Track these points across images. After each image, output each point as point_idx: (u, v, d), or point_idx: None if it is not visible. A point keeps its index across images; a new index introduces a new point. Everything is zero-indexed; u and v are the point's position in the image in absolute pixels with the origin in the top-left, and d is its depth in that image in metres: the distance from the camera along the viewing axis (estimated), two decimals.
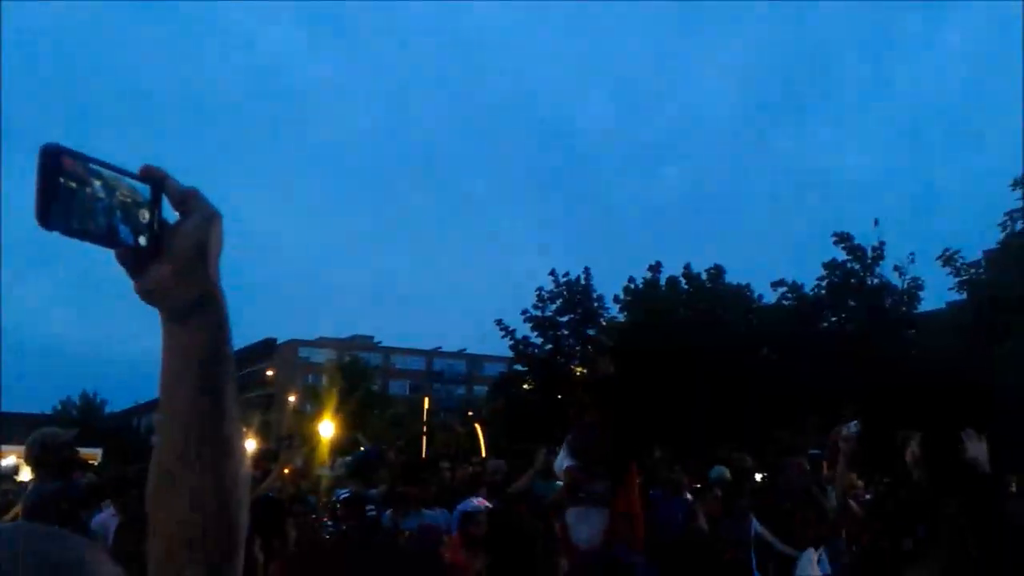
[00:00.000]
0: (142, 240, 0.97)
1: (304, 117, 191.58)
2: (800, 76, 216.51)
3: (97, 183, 0.94)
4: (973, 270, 24.88)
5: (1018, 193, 23.48)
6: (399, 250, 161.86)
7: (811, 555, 2.45)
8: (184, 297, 0.97)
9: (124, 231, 0.96)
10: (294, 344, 77.98)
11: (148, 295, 0.97)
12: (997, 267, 23.95)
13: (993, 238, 24.36)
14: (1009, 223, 23.80)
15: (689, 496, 8.24)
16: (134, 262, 0.97)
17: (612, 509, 5.23)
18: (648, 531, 6.83)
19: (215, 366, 0.96)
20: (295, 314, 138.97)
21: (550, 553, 5.14)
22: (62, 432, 5.02)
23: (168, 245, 0.97)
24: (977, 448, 4.12)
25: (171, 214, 1.00)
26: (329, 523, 6.28)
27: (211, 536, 0.92)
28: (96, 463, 17.58)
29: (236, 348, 1.05)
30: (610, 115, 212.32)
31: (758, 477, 10.08)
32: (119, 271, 0.97)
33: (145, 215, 0.98)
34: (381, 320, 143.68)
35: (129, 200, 0.97)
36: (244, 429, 1.02)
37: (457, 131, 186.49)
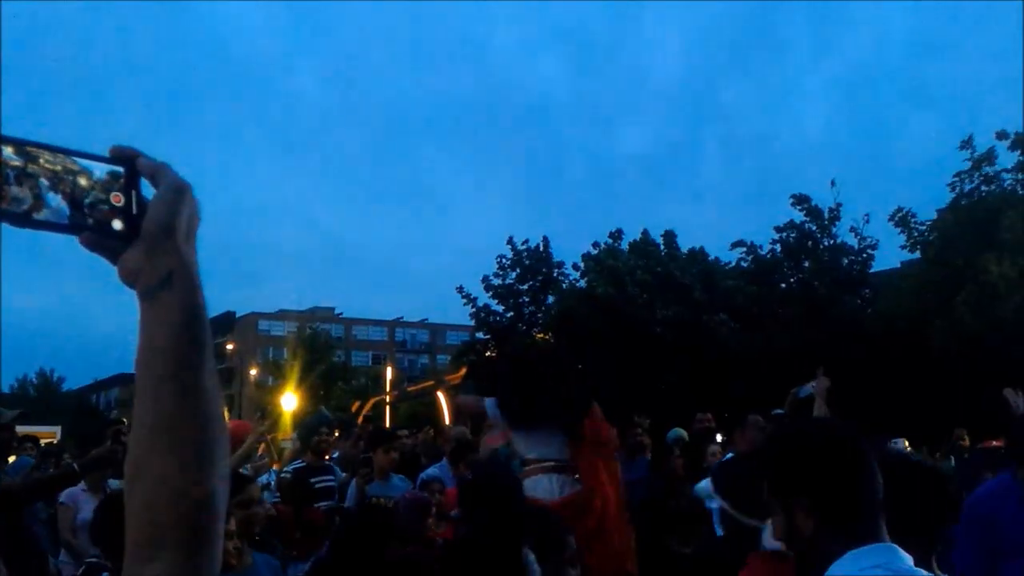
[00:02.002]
0: (117, 224, 0.95)
1: (259, 87, 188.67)
2: (749, 37, 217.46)
3: (37, 169, 0.92)
4: (925, 228, 25.28)
5: (966, 154, 23.86)
6: (358, 221, 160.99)
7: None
8: (153, 275, 0.93)
9: (75, 216, 0.93)
10: (253, 317, 77.36)
11: (125, 279, 0.95)
12: (947, 227, 24.36)
13: (945, 198, 24.78)
14: (959, 183, 24.18)
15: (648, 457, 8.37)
16: (109, 247, 0.95)
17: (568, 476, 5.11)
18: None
19: (188, 345, 0.92)
20: (254, 287, 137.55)
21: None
22: (4, 412, 4.87)
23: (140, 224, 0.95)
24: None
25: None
26: (278, 495, 6.17)
27: (187, 520, 0.87)
28: (54, 441, 17.39)
29: None
30: (564, 77, 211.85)
31: (719, 438, 10.17)
32: (73, 247, 0.94)
33: (120, 197, 0.96)
34: (342, 291, 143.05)
35: (86, 184, 0.94)
36: (225, 410, 0.96)
37: (413, 99, 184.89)
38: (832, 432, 1.83)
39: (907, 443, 10.95)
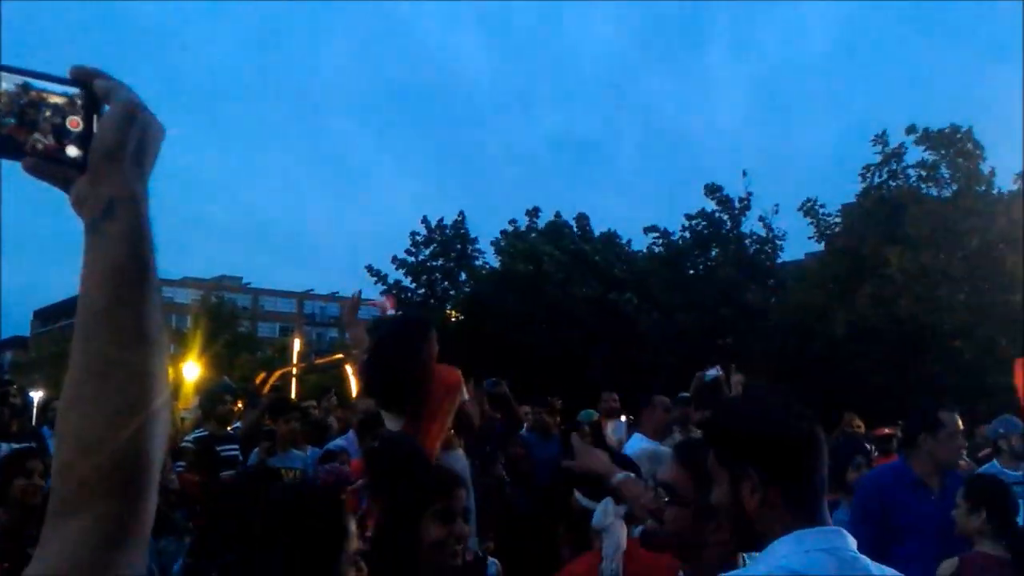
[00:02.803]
0: (72, 150, 0.88)
1: (171, 52, 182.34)
2: (672, 31, 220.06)
3: None
4: (832, 219, 26.07)
5: (878, 148, 24.61)
6: (272, 193, 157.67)
7: (608, 504, 2.40)
8: (96, 205, 0.86)
9: (19, 142, 0.86)
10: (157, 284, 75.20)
11: (75, 209, 0.88)
12: (853, 219, 25.15)
13: (854, 191, 25.57)
14: (868, 176, 24.96)
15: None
16: (58, 174, 0.88)
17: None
18: (528, 471, 6.92)
19: (126, 282, 0.84)
20: (156, 252, 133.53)
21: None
22: None
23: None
24: None
25: None
26: (180, 465, 5.99)
27: (120, 468, 0.80)
28: None
29: None
30: (486, 60, 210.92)
31: (623, 419, 10.31)
32: None
33: (77, 123, 0.89)
34: (250, 261, 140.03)
35: (41, 108, 0.87)
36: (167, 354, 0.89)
37: (331, 73, 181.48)
38: (792, 412, 1.81)
39: None
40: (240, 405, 7.98)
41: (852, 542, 1.70)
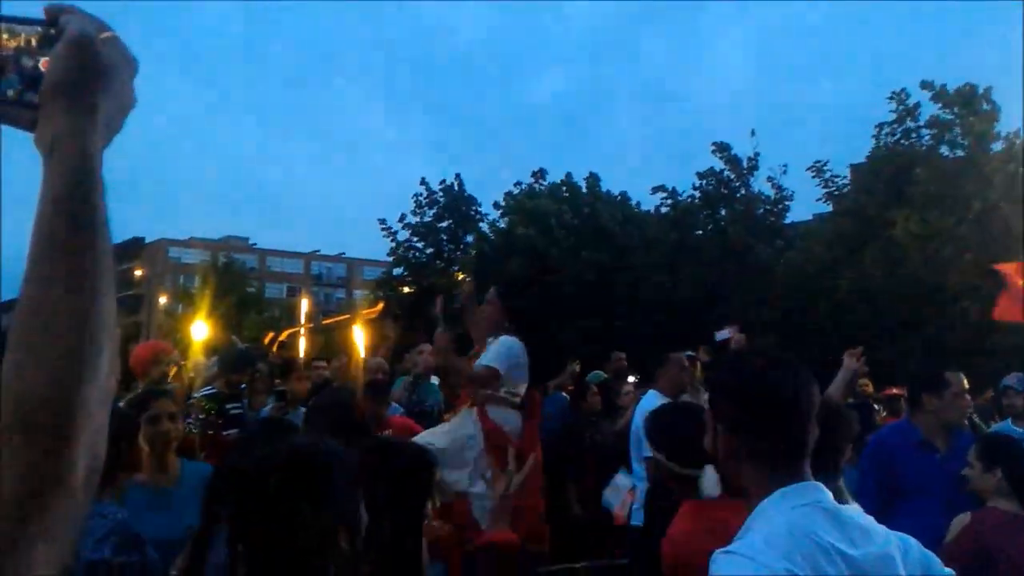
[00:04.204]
0: (36, 96, 0.85)
1: (174, 14, 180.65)
2: None
3: None
4: (840, 180, 25.87)
5: (893, 105, 24.30)
6: (278, 155, 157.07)
7: (712, 472, 2.44)
8: (43, 144, 0.83)
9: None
10: (163, 244, 75.12)
11: (38, 149, 0.84)
12: (862, 179, 24.93)
13: (864, 152, 25.28)
14: (881, 135, 24.68)
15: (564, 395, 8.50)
16: (26, 118, 0.85)
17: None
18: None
19: (62, 226, 0.80)
20: (164, 213, 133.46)
21: None
22: None
23: None
24: None
25: None
26: (190, 420, 6.01)
27: (39, 411, 0.76)
28: None
29: None
30: (488, 21, 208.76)
31: (631, 379, 10.34)
32: None
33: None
34: (257, 222, 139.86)
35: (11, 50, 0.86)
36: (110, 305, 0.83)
37: (335, 34, 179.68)
38: (778, 371, 1.85)
39: None
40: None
41: (829, 495, 1.77)
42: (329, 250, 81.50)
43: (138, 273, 64.58)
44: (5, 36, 0.86)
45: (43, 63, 0.86)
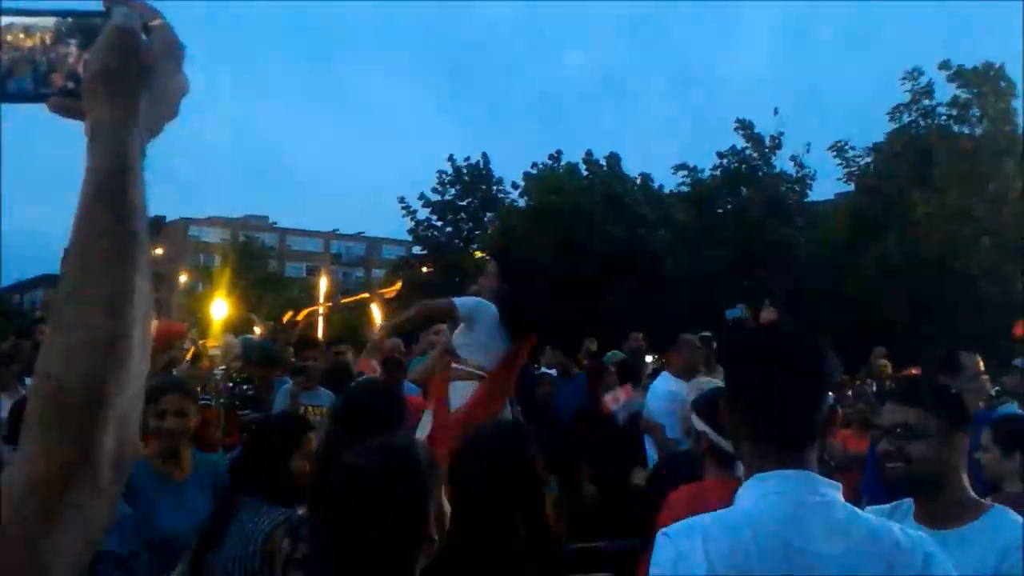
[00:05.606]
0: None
1: None
2: None
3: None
4: (862, 159, 25.64)
5: (908, 86, 24.06)
6: (297, 133, 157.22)
7: None
8: (87, 132, 0.85)
9: (44, 83, 0.88)
10: (184, 223, 75.44)
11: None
12: (882, 159, 24.73)
13: (884, 131, 25.07)
14: (898, 116, 24.44)
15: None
16: (79, 108, 0.87)
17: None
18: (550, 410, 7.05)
19: (92, 220, 0.81)
20: (183, 192, 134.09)
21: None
22: None
23: None
24: None
25: None
26: (208, 398, 6.04)
27: (79, 394, 0.76)
28: None
29: None
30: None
31: (649, 359, 10.36)
32: None
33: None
34: (277, 201, 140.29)
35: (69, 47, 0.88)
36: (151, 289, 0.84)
37: (358, 9, 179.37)
38: (782, 345, 1.75)
39: None
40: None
41: (824, 485, 1.60)
42: (349, 229, 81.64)
43: (158, 252, 64.77)
44: (56, 31, 0.89)
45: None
